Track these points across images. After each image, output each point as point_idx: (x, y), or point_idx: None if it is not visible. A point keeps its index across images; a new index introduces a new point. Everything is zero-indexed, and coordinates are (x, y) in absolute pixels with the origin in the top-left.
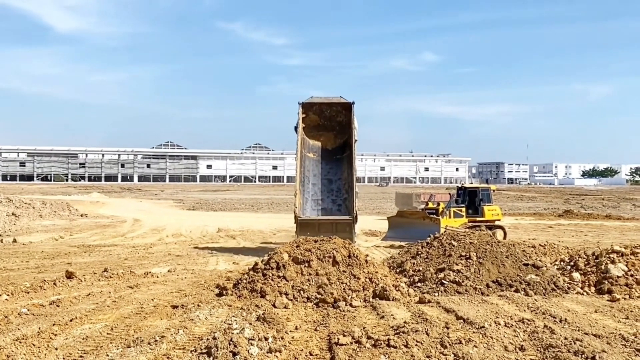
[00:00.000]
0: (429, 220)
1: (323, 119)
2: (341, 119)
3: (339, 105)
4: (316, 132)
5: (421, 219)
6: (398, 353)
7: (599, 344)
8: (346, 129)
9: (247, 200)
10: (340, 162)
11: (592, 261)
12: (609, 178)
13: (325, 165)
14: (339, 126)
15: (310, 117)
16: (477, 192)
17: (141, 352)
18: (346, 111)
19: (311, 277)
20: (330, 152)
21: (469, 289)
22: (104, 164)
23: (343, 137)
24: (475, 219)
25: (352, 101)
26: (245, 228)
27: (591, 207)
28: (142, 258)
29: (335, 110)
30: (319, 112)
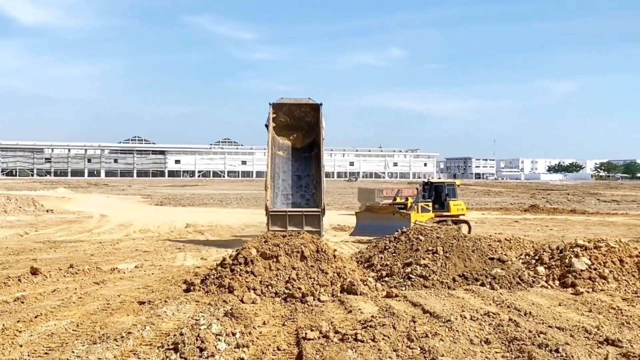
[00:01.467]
0: (399, 215)
1: (292, 119)
2: (309, 119)
3: (308, 106)
4: (286, 131)
5: (391, 213)
6: (365, 347)
7: (563, 337)
8: (314, 128)
9: (215, 195)
10: (309, 159)
11: (556, 255)
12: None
13: (295, 163)
14: (307, 126)
15: (280, 117)
16: (443, 187)
17: (107, 348)
18: (314, 112)
19: (279, 272)
20: (299, 151)
21: (436, 283)
22: (71, 158)
23: (311, 137)
24: (442, 214)
25: (320, 102)
26: (214, 223)
27: (556, 202)
28: (109, 254)
29: (304, 111)
30: (289, 112)
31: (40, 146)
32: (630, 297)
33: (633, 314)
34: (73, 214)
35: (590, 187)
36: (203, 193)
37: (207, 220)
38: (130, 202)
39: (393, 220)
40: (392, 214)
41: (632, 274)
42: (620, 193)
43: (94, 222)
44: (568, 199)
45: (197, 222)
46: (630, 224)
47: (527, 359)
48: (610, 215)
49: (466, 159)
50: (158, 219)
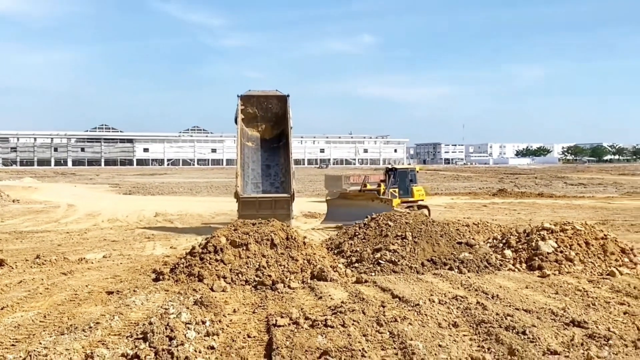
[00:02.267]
0: (380, 201)
1: (261, 111)
2: (277, 111)
3: (275, 97)
4: (254, 122)
5: (370, 200)
6: (335, 333)
7: (529, 319)
8: (282, 119)
9: (185, 183)
10: (278, 149)
11: (523, 238)
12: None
13: (264, 153)
14: (275, 117)
15: (249, 108)
16: (406, 172)
17: (75, 339)
18: (282, 103)
19: (249, 260)
20: (268, 141)
21: (405, 268)
22: (37, 148)
23: (280, 128)
24: (407, 200)
25: (287, 94)
26: (184, 212)
27: (524, 186)
28: (77, 244)
29: (272, 103)
30: (257, 104)
31: (5, 135)
32: (596, 278)
33: (598, 295)
34: (40, 204)
35: (558, 171)
36: (172, 181)
37: (176, 209)
38: (98, 192)
39: (374, 207)
40: (371, 200)
41: (597, 256)
42: (587, 176)
43: (61, 212)
44: (536, 182)
45: (166, 210)
46: (596, 206)
47: (494, 341)
48: (577, 199)
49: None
50: (127, 208)
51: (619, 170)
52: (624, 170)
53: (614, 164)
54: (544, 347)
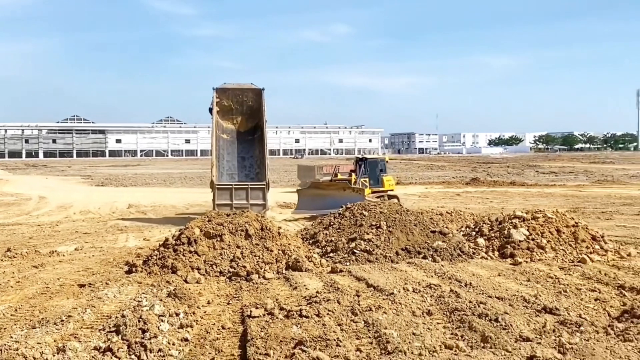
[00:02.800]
0: (352, 190)
1: (236, 104)
2: (252, 104)
3: (250, 91)
4: (229, 115)
5: (342, 189)
6: (310, 322)
7: (502, 306)
8: (257, 112)
9: (159, 174)
10: (252, 142)
11: (495, 227)
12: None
13: (239, 145)
14: (250, 110)
15: (224, 101)
16: (376, 162)
17: (47, 332)
18: (257, 96)
19: (223, 251)
20: (243, 134)
21: (380, 257)
22: (7, 139)
23: (254, 121)
24: (378, 190)
25: (262, 88)
26: (157, 203)
27: (497, 175)
28: (48, 236)
29: (247, 96)
30: (232, 97)
31: None
32: (567, 266)
33: (570, 282)
34: (10, 196)
35: (530, 160)
36: (146, 173)
37: (150, 201)
38: (70, 183)
39: (345, 196)
40: (343, 190)
41: (568, 244)
42: (558, 165)
43: (33, 204)
44: (508, 171)
45: (139, 202)
46: (567, 194)
47: (467, 329)
48: (548, 187)
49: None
50: (99, 200)
51: (590, 159)
52: (594, 158)
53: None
54: (517, 334)
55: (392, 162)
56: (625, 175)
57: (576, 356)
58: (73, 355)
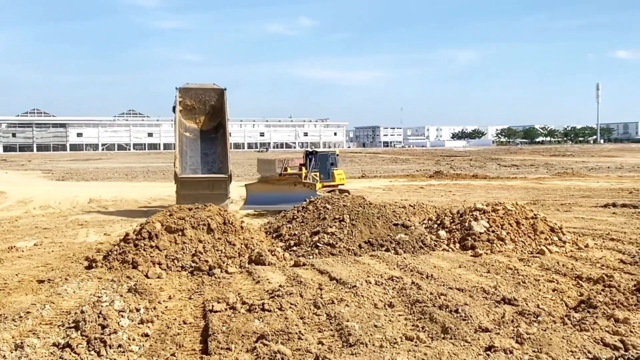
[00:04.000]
0: (302, 185)
1: (198, 103)
2: (214, 103)
3: (213, 91)
4: (192, 114)
5: (292, 184)
6: (272, 316)
7: (462, 297)
8: (219, 112)
9: (121, 169)
10: (215, 139)
11: (457, 219)
12: (477, 139)
13: (202, 143)
14: (212, 109)
15: (187, 100)
16: (327, 156)
17: (5, 329)
18: (219, 96)
19: (185, 246)
20: (205, 132)
21: (343, 251)
22: None
23: (217, 120)
24: (329, 184)
25: (224, 87)
26: (119, 198)
27: (460, 168)
28: (7, 232)
29: (209, 95)
30: (195, 96)
31: None
32: (526, 257)
33: (529, 273)
34: None
35: (492, 153)
36: (107, 167)
37: (111, 195)
38: (30, 178)
39: (296, 191)
40: (293, 185)
41: (527, 235)
42: (519, 158)
43: None
44: (471, 164)
45: (101, 197)
46: (528, 187)
47: (428, 320)
48: (510, 179)
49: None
50: (60, 194)
51: (550, 152)
52: (555, 151)
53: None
54: (476, 325)
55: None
56: (585, 167)
57: (534, 346)
58: (31, 351)
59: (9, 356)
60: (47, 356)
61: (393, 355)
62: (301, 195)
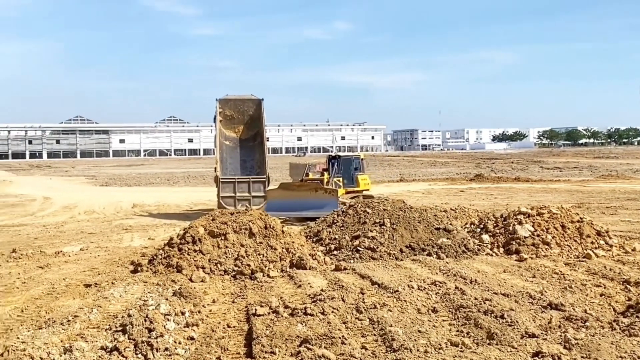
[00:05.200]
0: (324, 191)
1: (237, 113)
2: (252, 113)
3: (251, 101)
4: (231, 124)
5: (313, 190)
6: (315, 320)
7: (508, 303)
8: (257, 121)
9: (162, 174)
10: (253, 147)
11: (500, 223)
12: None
13: (241, 151)
14: (250, 119)
15: (226, 111)
16: (351, 161)
17: (53, 332)
18: (257, 106)
19: (228, 250)
20: (244, 141)
21: (384, 255)
22: (11, 140)
23: (255, 129)
24: (353, 189)
25: (261, 98)
26: (161, 203)
27: (501, 171)
28: (53, 237)
29: (247, 106)
30: (234, 107)
31: None
32: (572, 261)
33: (575, 278)
34: (15, 197)
35: (534, 155)
36: (149, 172)
37: (154, 200)
38: (74, 184)
39: (317, 197)
40: (314, 191)
41: (573, 239)
42: (562, 160)
43: (37, 205)
44: (512, 167)
45: (144, 201)
46: (572, 190)
47: (473, 325)
48: (553, 182)
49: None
50: (104, 200)
51: (594, 154)
52: (598, 153)
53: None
54: (522, 330)
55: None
56: (630, 169)
57: (582, 352)
58: (80, 355)
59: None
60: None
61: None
62: (322, 201)
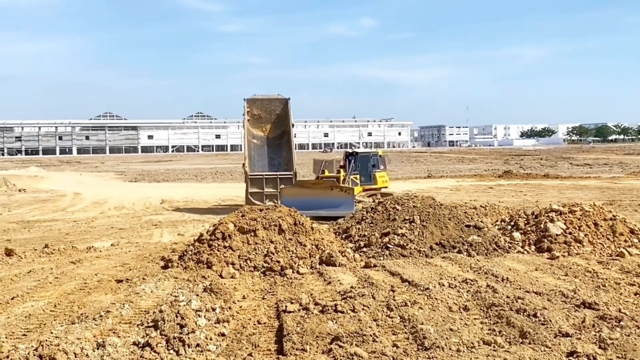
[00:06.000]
0: (339, 190)
1: (265, 113)
2: (279, 112)
3: (277, 101)
4: (259, 123)
5: (329, 188)
6: (345, 318)
7: (540, 301)
8: (283, 120)
9: (190, 170)
10: (280, 145)
11: (531, 220)
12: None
13: (269, 148)
14: (277, 118)
15: (254, 110)
16: (368, 157)
17: (86, 327)
18: (283, 106)
19: (257, 246)
20: (271, 139)
21: (413, 252)
22: (41, 136)
23: (281, 127)
24: (370, 187)
25: (288, 97)
26: (190, 198)
27: (530, 167)
28: (84, 232)
29: (274, 105)
30: (261, 106)
31: (9, 125)
32: (605, 260)
33: (608, 276)
34: (46, 193)
35: (563, 152)
36: (178, 168)
37: (182, 196)
38: (104, 179)
39: (333, 196)
40: (330, 189)
41: (606, 237)
42: (592, 156)
43: (68, 201)
44: (541, 163)
45: (172, 197)
46: (602, 186)
47: (505, 324)
48: (583, 179)
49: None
50: (133, 195)
51: (624, 150)
52: (629, 149)
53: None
54: (556, 329)
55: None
56: None
57: (617, 352)
58: (113, 350)
59: (92, 355)
60: (128, 355)
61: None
62: (338, 200)
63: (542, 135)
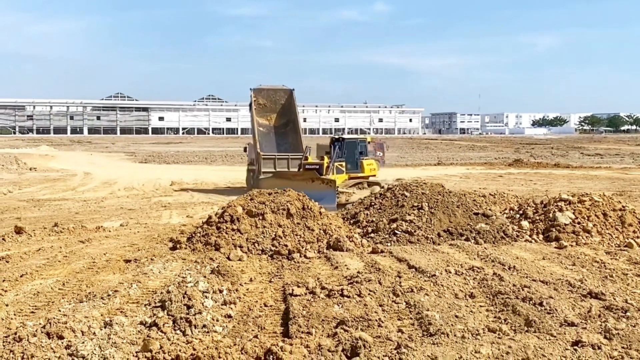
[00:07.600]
0: (320, 182)
1: (270, 102)
2: (284, 102)
3: (282, 91)
4: (264, 112)
5: (309, 180)
6: (351, 302)
7: (547, 290)
8: (288, 110)
9: (200, 152)
10: (286, 133)
11: (540, 209)
12: (558, 127)
13: (275, 136)
14: (282, 108)
15: (260, 100)
16: (355, 144)
17: (94, 306)
18: (288, 96)
19: (265, 230)
20: (277, 128)
21: (421, 239)
22: (53, 116)
23: (286, 117)
24: (357, 175)
25: (292, 88)
26: (199, 180)
27: (540, 156)
28: (94, 212)
29: (279, 95)
30: (267, 96)
31: (21, 103)
32: (614, 250)
33: (616, 267)
34: (57, 172)
35: (574, 141)
36: (188, 150)
37: (192, 178)
38: (114, 160)
39: (314, 188)
40: (311, 181)
41: (615, 228)
42: (603, 146)
43: (78, 180)
44: (552, 153)
45: (182, 179)
46: (613, 177)
47: (511, 312)
48: (593, 169)
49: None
50: (143, 176)
51: (636, 141)
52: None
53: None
54: (561, 319)
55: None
56: None
57: (623, 342)
58: (120, 329)
59: (99, 333)
60: (135, 334)
61: (476, 347)
62: (320, 193)
63: (553, 125)
